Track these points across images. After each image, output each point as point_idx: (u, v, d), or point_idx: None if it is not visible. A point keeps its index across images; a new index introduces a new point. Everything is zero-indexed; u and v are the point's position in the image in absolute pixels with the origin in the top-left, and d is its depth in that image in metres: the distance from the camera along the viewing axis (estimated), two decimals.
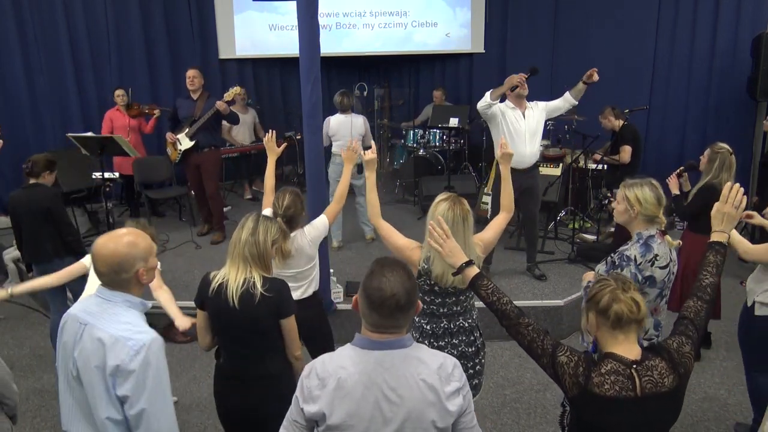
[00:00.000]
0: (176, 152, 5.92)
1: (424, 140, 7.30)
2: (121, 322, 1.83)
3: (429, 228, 2.11)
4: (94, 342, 1.80)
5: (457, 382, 1.64)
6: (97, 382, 1.78)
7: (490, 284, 1.96)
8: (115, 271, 1.84)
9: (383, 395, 1.58)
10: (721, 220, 2.02)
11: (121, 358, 1.75)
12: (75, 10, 7.01)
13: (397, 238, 2.73)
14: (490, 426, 3.52)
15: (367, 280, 1.62)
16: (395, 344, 1.63)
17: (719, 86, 6.89)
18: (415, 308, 1.66)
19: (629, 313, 1.71)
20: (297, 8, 3.88)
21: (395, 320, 1.61)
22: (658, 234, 2.49)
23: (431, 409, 1.59)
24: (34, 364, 4.31)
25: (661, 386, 1.70)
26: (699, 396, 3.77)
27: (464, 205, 2.52)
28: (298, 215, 3.01)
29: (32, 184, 3.96)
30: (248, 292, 2.31)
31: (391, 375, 1.59)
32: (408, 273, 1.65)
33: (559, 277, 5.00)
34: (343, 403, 1.58)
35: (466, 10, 8.21)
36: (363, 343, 1.64)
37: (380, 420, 1.58)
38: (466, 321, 2.68)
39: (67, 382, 1.90)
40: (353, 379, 1.59)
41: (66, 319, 1.92)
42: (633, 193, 2.48)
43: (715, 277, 1.95)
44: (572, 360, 1.74)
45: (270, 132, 3.58)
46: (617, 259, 2.49)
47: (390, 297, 1.57)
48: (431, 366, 1.62)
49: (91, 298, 1.92)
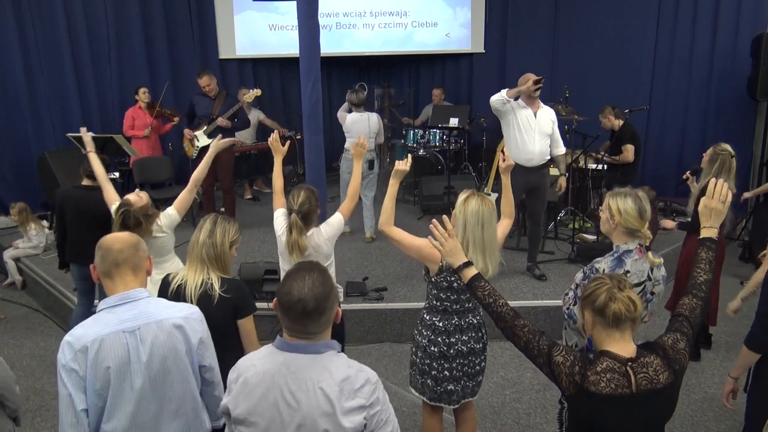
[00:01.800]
0: (193, 148, 6.05)
1: (424, 140, 7.30)
2: (166, 307, 1.95)
3: (430, 227, 2.11)
4: (172, 332, 1.88)
5: (363, 400, 1.57)
6: (187, 365, 1.92)
7: (488, 286, 1.97)
8: (135, 247, 1.95)
9: (282, 397, 1.57)
10: (709, 215, 2.03)
11: (199, 331, 1.95)
12: (75, 10, 7.01)
13: (413, 239, 2.71)
14: (490, 426, 3.52)
15: (281, 283, 1.61)
16: (307, 349, 1.60)
17: (719, 86, 6.89)
18: (329, 315, 1.61)
19: (626, 312, 1.72)
20: (297, 8, 3.89)
21: (304, 326, 1.58)
22: (637, 250, 2.39)
23: (325, 419, 1.54)
24: (34, 364, 4.31)
25: (656, 383, 1.72)
26: (699, 396, 3.77)
27: (491, 201, 2.57)
28: (313, 212, 3.01)
29: (86, 186, 3.86)
30: (206, 294, 2.34)
31: (293, 378, 1.57)
32: (323, 279, 1.59)
33: (559, 277, 5.00)
34: (246, 399, 1.60)
35: (466, 10, 8.21)
36: (279, 344, 1.64)
37: (278, 421, 1.57)
38: (475, 318, 2.72)
39: (130, 397, 1.84)
40: (258, 378, 1.60)
41: (100, 343, 1.79)
42: (615, 203, 2.40)
43: (709, 274, 1.96)
44: (568, 359, 1.76)
45: (275, 132, 3.55)
46: (587, 270, 2.44)
47: (296, 302, 1.54)
48: (336, 377, 1.57)
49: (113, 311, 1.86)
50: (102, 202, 3.64)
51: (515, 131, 4.65)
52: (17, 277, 5.63)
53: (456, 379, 2.71)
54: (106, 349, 1.79)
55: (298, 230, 2.95)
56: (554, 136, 4.83)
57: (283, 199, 3.26)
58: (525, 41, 7.87)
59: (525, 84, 4.50)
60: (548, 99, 6.93)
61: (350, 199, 3.27)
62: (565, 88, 6.55)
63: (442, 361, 2.68)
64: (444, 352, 2.67)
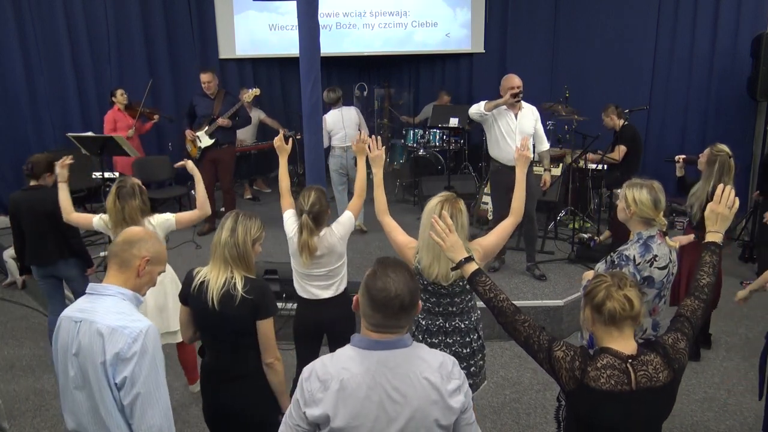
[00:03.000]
0: (196, 149, 6.05)
1: (424, 140, 7.30)
2: (115, 313, 1.85)
3: (432, 222, 2.12)
4: (94, 336, 1.81)
5: (458, 380, 1.65)
6: (101, 376, 1.81)
7: (488, 281, 1.99)
8: (128, 243, 1.94)
9: (387, 395, 1.58)
10: (715, 220, 2.06)
11: (120, 346, 1.79)
12: (75, 10, 7.01)
13: (398, 234, 2.77)
14: (490, 426, 3.52)
15: (370, 281, 1.61)
16: (398, 344, 1.63)
17: (719, 86, 6.89)
18: (417, 308, 1.66)
19: (621, 311, 1.73)
20: (297, 8, 3.89)
21: (398, 320, 1.61)
22: (659, 235, 2.51)
23: (434, 407, 1.59)
24: (34, 364, 4.31)
25: (655, 381, 1.73)
26: (699, 396, 3.77)
27: (457, 204, 2.52)
28: (324, 212, 3.01)
29: (34, 186, 3.94)
30: (228, 293, 2.31)
31: (394, 374, 1.59)
32: (410, 273, 1.65)
33: (559, 277, 5.00)
34: (347, 404, 1.57)
35: (466, 10, 8.21)
36: (364, 343, 1.64)
37: (384, 420, 1.57)
38: (462, 322, 2.68)
39: (68, 382, 1.90)
40: (356, 380, 1.58)
41: (60, 322, 1.92)
42: (631, 193, 2.52)
43: (712, 277, 1.99)
44: (568, 354, 1.77)
45: (280, 134, 3.53)
46: (616, 259, 2.51)
47: (394, 297, 1.57)
48: (433, 364, 1.63)
49: (83, 298, 1.94)
50: (52, 200, 3.73)
51: (496, 134, 4.74)
52: (18, 277, 5.63)
53: None
54: (60, 329, 1.91)
55: (309, 231, 2.95)
56: (537, 134, 4.87)
57: (290, 199, 3.24)
58: (525, 41, 7.87)
59: (504, 96, 4.62)
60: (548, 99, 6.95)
61: (358, 197, 3.25)
62: (565, 88, 6.55)
63: None
64: None
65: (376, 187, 2.93)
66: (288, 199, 3.24)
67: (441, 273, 2.53)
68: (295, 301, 3.29)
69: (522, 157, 2.90)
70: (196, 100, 6.06)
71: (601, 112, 6.07)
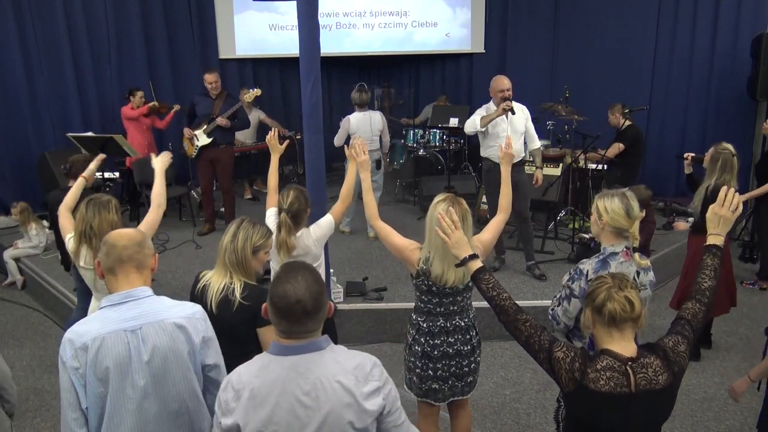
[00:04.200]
0: (193, 147, 6.03)
1: (424, 140, 7.30)
2: (169, 306, 1.91)
3: (438, 218, 2.12)
4: (174, 332, 1.85)
5: (377, 382, 1.61)
6: (187, 366, 1.88)
7: (492, 279, 1.99)
8: (141, 245, 1.92)
9: (297, 401, 1.55)
10: (717, 222, 2.03)
11: (202, 330, 1.91)
12: (75, 10, 7.01)
13: (396, 238, 2.75)
14: (490, 426, 3.52)
15: (272, 287, 1.58)
16: (310, 347, 1.59)
17: (719, 86, 6.90)
18: (325, 311, 1.62)
19: (622, 312, 1.73)
20: (297, 8, 3.88)
21: (304, 326, 1.57)
22: (623, 253, 2.38)
23: (347, 410, 1.56)
24: (34, 364, 4.31)
25: (655, 383, 1.73)
26: (699, 396, 3.77)
27: (463, 205, 2.53)
28: (303, 212, 3.03)
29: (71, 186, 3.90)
30: (226, 299, 2.31)
31: (305, 379, 1.56)
32: (314, 276, 1.61)
33: (559, 277, 4.93)
34: (257, 412, 1.55)
35: (466, 10, 8.21)
36: (276, 349, 1.61)
37: (297, 426, 1.55)
38: (462, 320, 2.70)
39: (127, 397, 1.83)
40: (266, 388, 1.56)
41: (99, 342, 1.78)
42: (602, 203, 2.39)
43: (714, 280, 1.97)
44: (568, 356, 1.77)
45: (273, 130, 3.56)
46: (573, 271, 2.44)
47: (295, 303, 1.54)
48: (347, 366, 1.59)
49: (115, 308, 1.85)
50: None
51: (489, 135, 4.78)
52: (18, 277, 5.64)
53: (442, 379, 2.71)
54: (106, 347, 1.78)
55: (287, 229, 2.98)
56: (528, 132, 4.91)
57: (276, 197, 3.25)
58: (525, 41, 7.87)
59: (496, 101, 4.68)
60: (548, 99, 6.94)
61: (342, 201, 3.28)
62: (565, 88, 6.55)
63: (426, 360, 2.68)
64: (428, 352, 2.67)
65: (365, 192, 2.92)
66: (274, 197, 3.26)
67: (457, 278, 2.53)
68: None
69: (506, 156, 2.93)
70: (197, 99, 6.07)
71: (600, 112, 6.08)
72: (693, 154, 4.35)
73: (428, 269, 2.55)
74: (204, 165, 6.05)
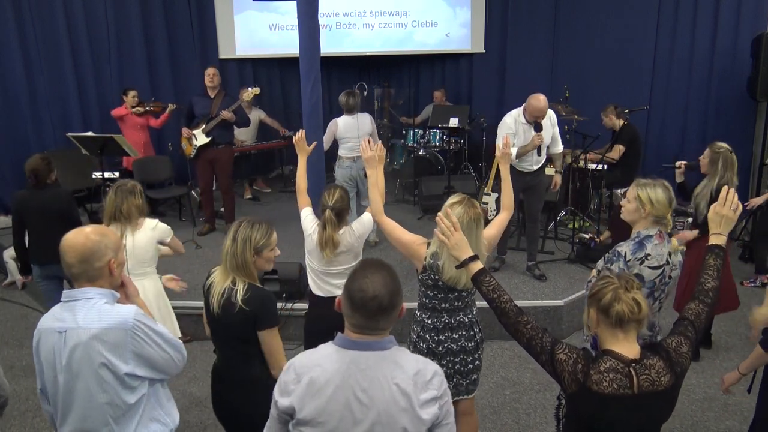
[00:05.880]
0: (191, 147, 6.02)
1: (424, 140, 7.30)
2: (98, 312, 1.86)
3: (437, 220, 2.13)
4: (90, 342, 1.82)
5: (435, 391, 1.60)
6: (101, 378, 1.85)
7: (492, 281, 1.98)
8: (88, 260, 1.86)
9: (354, 396, 1.57)
10: (719, 222, 2.03)
11: (126, 341, 1.84)
12: (75, 10, 7.01)
13: (402, 233, 2.76)
14: (490, 426, 3.52)
15: (350, 281, 1.61)
16: (374, 345, 1.61)
17: (719, 86, 6.89)
18: (398, 311, 1.64)
19: (630, 313, 1.73)
20: (297, 8, 3.89)
21: (376, 322, 1.59)
22: (657, 235, 2.48)
23: (403, 414, 1.56)
24: (34, 364, 4.30)
25: (657, 385, 1.73)
26: (699, 396, 3.77)
27: (477, 208, 2.56)
28: (346, 209, 3.05)
29: (43, 185, 3.91)
30: (229, 301, 2.30)
31: (364, 376, 1.57)
32: (392, 275, 1.63)
33: (559, 277, 5.00)
34: (313, 400, 1.57)
35: (466, 10, 8.20)
36: (342, 342, 1.63)
37: (350, 420, 1.57)
38: (466, 316, 2.72)
39: (58, 390, 1.90)
40: (325, 377, 1.58)
41: (39, 336, 1.91)
42: (646, 193, 2.48)
43: (717, 281, 1.97)
44: (571, 357, 1.76)
45: (300, 131, 3.45)
46: (610, 254, 2.52)
47: (372, 298, 1.56)
48: (408, 371, 1.60)
49: (57, 307, 1.91)
50: (63, 199, 3.77)
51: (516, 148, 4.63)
52: (18, 277, 5.63)
53: (447, 377, 2.70)
54: (42, 342, 1.91)
55: (332, 226, 2.99)
56: (554, 137, 4.88)
57: (307, 198, 3.26)
58: (525, 41, 7.87)
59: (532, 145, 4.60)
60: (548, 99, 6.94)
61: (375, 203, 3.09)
62: (565, 88, 6.55)
63: (431, 358, 2.67)
64: (432, 349, 2.69)
65: (371, 188, 2.95)
66: (305, 198, 3.25)
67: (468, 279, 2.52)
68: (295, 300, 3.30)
69: (505, 156, 2.97)
70: (195, 99, 6.07)
71: (600, 112, 6.08)
72: (685, 162, 4.32)
73: (435, 264, 2.57)
74: (203, 165, 6.05)
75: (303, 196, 3.26)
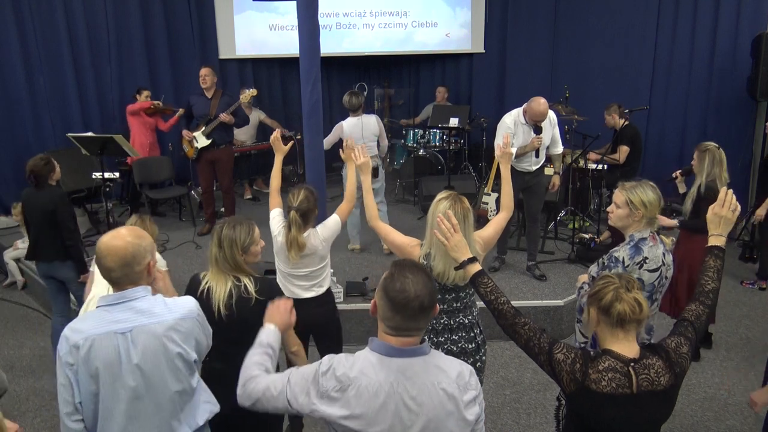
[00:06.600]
0: (193, 149, 6.04)
1: (424, 140, 7.30)
2: (162, 307, 1.90)
3: (437, 221, 2.13)
4: (165, 334, 1.86)
5: (474, 390, 1.64)
6: (177, 368, 1.90)
7: (490, 282, 1.98)
8: (129, 264, 1.85)
9: (403, 404, 1.57)
10: (718, 223, 2.03)
11: (193, 330, 1.92)
12: (75, 10, 7.01)
13: (396, 236, 2.76)
14: (490, 426, 3.52)
15: (389, 283, 1.60)
16: (417, 352, 1.61)
17: (719, 86, 6.89)
18: (435, 310, 1.65)
19: (631, 313, 1.73)
20: (297, 8, 3.89)
21: (417, 322, 1.59)
22: (651, 237, 2.47)
23: (450, 418, 1.59)
24: (34, 365, 4.31)
25: (656, 385, 1.73)
26: (699, 396, 3.77)
27: (464, 203, 2.53)
28: (312, 211, 3.03)
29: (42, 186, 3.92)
30: (242, 298, 2.30)
31: (412, 384, 1.58)
32: (429, 275, 1.64)
33: (559, 277, 5.00)
34: (362, 409, 1.57)
35: (466, 10, 8.21)
36: (385, 349, 1.61)
37: (399, 428, 1.57)
38: (466, 318, 2.70)
39: (126, 396, 1.86)
40: (374, 387, 1.57)
41: (90, 343, 1.81)
42: (637, 196, 2.44)
43: (717, 282, 1.97)
44: (569, 357, 1.77)
45: (276, 131, 3.52)
46: (606, 260, 2.49)
47: (414, 298, 1.56)
48: (451, 374, 1.62)
49: (109, 309, 1.86)
50: (54, 200, 3.75)
51: (515, 148, 4.64)
52: (19, 278, 5.63)
53: None
54: (96, 349, 1.81)
55: (297, 227, 2.98)
56: (554, 138, 4.88)
57: (279, 198, 3.24)
58: (525, 41, 7.87)
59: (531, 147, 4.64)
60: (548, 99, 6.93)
61: (347, 201, 3.27)
62: (565, 88, 6.55)
63: None
64: None
65: (365, 194, 2.93)
66: (277, 198, 3.24)
67: (458, 276, 2.52)
68: None
69: (505, 155, 2.96)
70: (194, 99, 6.07)
71: (600, 112, 6.07)
72: (680, 171, 4.37)
73: (429, 265, 2.57)
74: (204, 166, 6.06)
75: (275, 196, 3.25)
